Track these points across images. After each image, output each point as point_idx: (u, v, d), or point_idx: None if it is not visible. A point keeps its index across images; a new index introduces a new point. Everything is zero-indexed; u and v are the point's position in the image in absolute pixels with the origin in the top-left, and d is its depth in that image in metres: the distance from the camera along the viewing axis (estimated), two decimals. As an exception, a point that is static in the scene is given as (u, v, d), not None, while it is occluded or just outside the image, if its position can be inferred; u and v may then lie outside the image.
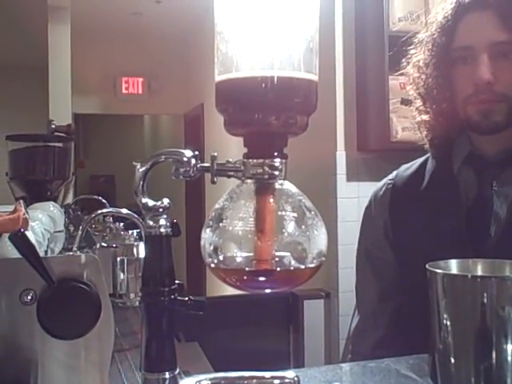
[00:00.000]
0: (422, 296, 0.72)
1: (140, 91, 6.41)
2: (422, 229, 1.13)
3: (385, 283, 1.21)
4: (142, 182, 0.64)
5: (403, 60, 1.24)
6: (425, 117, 1.18)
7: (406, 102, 2.43)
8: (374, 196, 1.26)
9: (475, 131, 1.12)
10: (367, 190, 1.28)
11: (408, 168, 1.24)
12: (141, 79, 6.37)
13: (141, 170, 0.64)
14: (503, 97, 1.06)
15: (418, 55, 1.19)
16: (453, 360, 0.62)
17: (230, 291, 0.95)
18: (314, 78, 0.60)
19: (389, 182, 1.24)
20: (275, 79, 0.57)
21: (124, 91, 6.36)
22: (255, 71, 0.57)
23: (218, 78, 0.60)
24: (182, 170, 0.63)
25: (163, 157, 0.65)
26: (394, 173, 1.26)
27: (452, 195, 1.12)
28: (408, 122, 2.42)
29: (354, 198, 2.44)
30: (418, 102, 1.20)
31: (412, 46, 1.22)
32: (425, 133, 1.19)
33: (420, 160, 1.24)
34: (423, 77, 1.17)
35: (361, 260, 1.29)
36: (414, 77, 1.19)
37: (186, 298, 0.67)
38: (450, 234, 1.09)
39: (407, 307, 1.15)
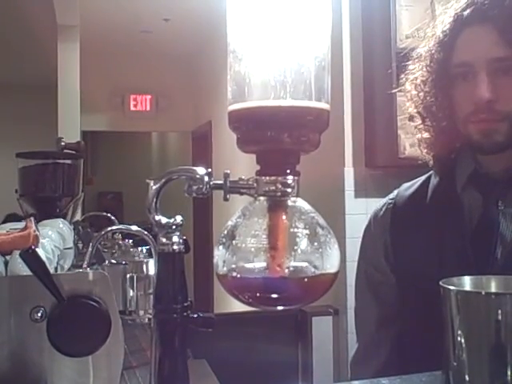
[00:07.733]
0: (425, 320, 0.70)
1: (148, 108, 6.45)
2: (424, 251, 1.08)
3: (386, 308, 1.16)
4: (155, 200, 0.64)
5: (402, 76, 1.20)
6: (425, 134, 1.15)
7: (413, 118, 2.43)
8: (373, 216, 1.22)
9: (476, 151, 1.08)
10: (375, 206, 1.25)
11: (410, 187, 1.20)
12: (149, 96, 6.42)
13: (154, 187, 0.64)
14: (505, 115, 1.01)
15: (416, 71, 1.14)
16: (467, 377, 0.61)
17: (238, 308, 0.94)
18: (326, 106, 0.60)
19: (389, 201, 1.20)
20: (288, 103, 0.57)
21: (132, 108, 6.41)
22: (268, 101, 0.58)
23: (231, 107, 0.60)
24: (194, 187, 0.63)
25: (176, 174, 0.65)
26: (395, 192, 1.21)
27: (456, 215, 1.07)
28: (416, 138, 2.42)
29: (362, 215, 2.43)
30: (417, 120, 1.16)
31: (410, 62, 1.17)
32: (425, 150, 1.16)
33: (422, 178, 1.19)
34: (421, 94, 1.12)
35: (360, 283, 1.24)
36: (412, 94, 1.15)
37: (196, 315, 0.67)
38: (453, 257, 1.05)
39: (409, 332, 1.10)
